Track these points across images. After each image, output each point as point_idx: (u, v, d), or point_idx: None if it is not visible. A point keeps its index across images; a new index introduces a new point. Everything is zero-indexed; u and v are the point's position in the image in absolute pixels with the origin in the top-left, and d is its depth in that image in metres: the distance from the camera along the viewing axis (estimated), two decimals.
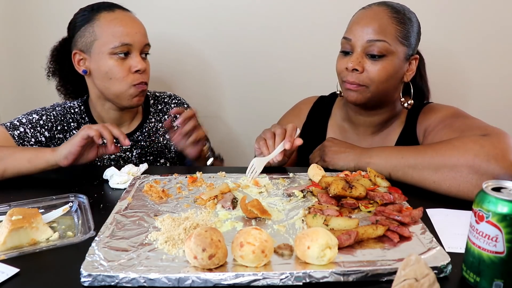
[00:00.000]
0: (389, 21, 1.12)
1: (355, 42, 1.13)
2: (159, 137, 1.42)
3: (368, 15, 1.14)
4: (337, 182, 0.92)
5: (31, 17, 1.75)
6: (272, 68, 1.75)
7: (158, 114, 1.44)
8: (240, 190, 1.00)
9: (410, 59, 1.17)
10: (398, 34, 1.12)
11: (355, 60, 1.12)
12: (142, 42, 1.26)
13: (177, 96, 1.50)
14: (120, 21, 1.24)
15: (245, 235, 0.68)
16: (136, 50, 1.25)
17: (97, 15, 1.25)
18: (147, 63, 1.31)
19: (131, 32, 1.24)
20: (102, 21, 1.24)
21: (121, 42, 1.22)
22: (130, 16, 1.29)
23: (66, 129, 1.31)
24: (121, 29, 1.23)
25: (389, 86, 1.15)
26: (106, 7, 1.27)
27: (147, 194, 0.97)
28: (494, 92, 1.70)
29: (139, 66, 1.25)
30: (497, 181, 0.67)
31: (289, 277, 0.66)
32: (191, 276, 0.66)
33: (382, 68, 1.11)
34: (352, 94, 1.15)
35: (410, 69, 1.18)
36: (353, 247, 0.74)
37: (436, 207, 0.92)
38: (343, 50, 1.17)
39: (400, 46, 1.13)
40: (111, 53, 1.23)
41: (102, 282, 0.66)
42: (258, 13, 1.69)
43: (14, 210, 0.83)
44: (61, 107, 1.34)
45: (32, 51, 1.79)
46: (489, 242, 0.63)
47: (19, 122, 1.25)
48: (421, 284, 0.56)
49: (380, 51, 1.10)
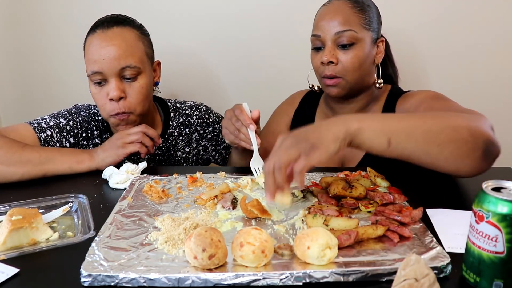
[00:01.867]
0: (351, 12, 1.19)
1: (324, 36, 1.19)
2: (178, 151, 1.39)
3: (331, 10, 1.20)
4: (337, 182, 0.92)
5: (31, 18, 1.75)
6: (277, 69, 1.75)
7: (180, 127, 1.38)
8: (240, 190, 1.00)
9: (377, 42, 1.24)
10: (361, 21, 1.19)
11: (329, 53, 1.18)
12: (114, 67, 1.16)
13: (198, 105, 1.43)
14: (93, 46, 1.18)
15: (245, 235, 0.68)
16: (111, 76, 1.17)
17: (86, 38, 1.22)
18: (133, 87, 1.20)
19: (98, 58, 1.16)
20: (86, 46, 1.21)
21: (92, 71, 1.17)
22: (107, 36, 1.17)
23: (90, 136, 1.30)
24: (91, 56, 1.17)
25: (363, 72, 1.21)
26: (92, 29, 1.21)
27: (147, 194, 0.97)
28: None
29: (110, 94, 1.17)
30: (497, 181, 0.67)
31: (289, 277, 0.66)
32: (191, 276, 0.66)
33: (354, 55, 1.18)
34: (332, 90, 1.21)
35: (379, 51, 1.25)
36: (353, 247, 0.74)
37: (436, 207, 0.92)
38: (315, 46, 1.23)
39: (366, 32, 1.19)
40: (90, 80, 1.20)
41: (102, 282, 0.66)
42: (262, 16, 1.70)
43: (14, 210, 0.83)
44: (86, 113, 1.31)
45: (32, 51, 1.79)
46: (489, 242, 0.63)
47: (46, 124, 1.23)
48: (421, 284, 0.56)
49: (349, 39, 1.17)
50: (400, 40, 1.50)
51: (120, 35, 1.19)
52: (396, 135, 0.84)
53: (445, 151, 0.85)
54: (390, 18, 1.36)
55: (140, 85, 1.21)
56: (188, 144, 1.40)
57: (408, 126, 0.86)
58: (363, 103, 1.28)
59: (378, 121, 0.86)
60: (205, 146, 1.43)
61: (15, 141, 1.11)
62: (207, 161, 1.47)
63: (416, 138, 0.85)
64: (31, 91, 1.84)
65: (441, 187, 1.06)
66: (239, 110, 1.10)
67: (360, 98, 1.27)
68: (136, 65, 1.19)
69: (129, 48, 1.19)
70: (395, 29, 1.45)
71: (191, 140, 1.40)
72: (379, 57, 1.25)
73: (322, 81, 1.23)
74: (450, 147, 0.85)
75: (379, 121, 0.86)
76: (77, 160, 1.13)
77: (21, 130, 1.19)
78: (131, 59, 1.18)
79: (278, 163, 0.78)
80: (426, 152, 0.86)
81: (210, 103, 1.51)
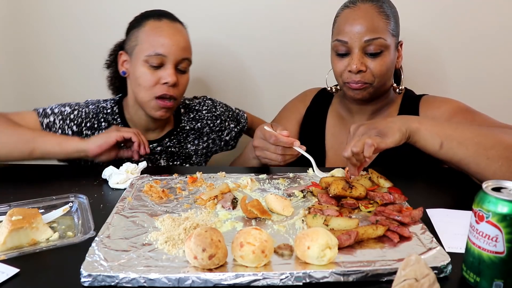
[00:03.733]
0: (379, 17, 1.15)
1: (352, 43, 1.15)
2: (188, 143, 1.43)
3: (359, 14, 1.15)
4: (337, 182, 0.92)
5: (31, 18, 1.75)
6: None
7: (192, 122, 1.44)
8: (240, 190, 1.00)
9: (398, 46, 1.23)
10: (389, 28, 1.17)
11: (358, 62, 1.14)
12: (178, 55, 1.24)
13: (206, 100, 1.48)
14: (162, 31, 1.24)
15: (245, 235, 0.68)
16: (170, 62, 1.23)
17: (145, 21, 1.26)
18: (183, 78, 1.28)
19: (168, 43, 1.23)
20: (147, 28, 1.25)
21: (155, 52, 1.22)
22: (175, 27, 1.27)
23: (96, 127, 1.32)
24: (159, 39, 1.23)
25: (388, 77, 1.21)
26: (155, 15, 1.27)
27: (147, 194, 0.97)
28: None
29: (168, 79, 1.23)
30: (497, 181, 0.67)
31: (289, 277, 0.66)
32: (191, 276, 0.66)
33: (383, 63, 1.16)
34: (357, 93, 1.19)
35: (400, 55, 1.24)
36: (353, 247, 0.74)
37: (436, 207, 0.92)
38: (339, 52, 1.18)
39: (392, 38, 1.18)
40: (145, 61, 1.23)
41: (102, 282, 0.66)
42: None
43: (14, 210, 0.83)
44: (95, 106, 1.34)
45: (32, 51, 1.78)
46: (489, 242, 0.63)
47: (51, 110, 1.27)
48: (421, 284, 0.56)
49: (379, 48, 1.14)
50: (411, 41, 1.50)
51: (184, 31, 1.30)
52: (449, 140, 0.94)
53: (494, 164, 0.92)
54: None
55: (187, 78, 1.30)
56: (199, 137, 1.45)
57: (461, 136, 0.95)
58: (381, 105, 1.28)
59: (434, 125, 0.97)
60: (214, 139, 1.48)
61: (14, 122, 1.17)
62: (215, 152, 1.53)
63: (467, 147, 0.94)
64: (31, 91, 1.84)
65: (441, 187, 1.06)
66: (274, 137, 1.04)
67: (379, 100, 1.26)
68: (191, 60, 1.30)
69: (189, 44, 1.30)
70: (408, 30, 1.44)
71: (202, 134, 1.45)
72: (399, 61, 1.23)
73: (347, 85, 1.19)
74: (499, 162, 0.92)
75: (435, 125, 0.97)
76: (66, 138, 1.17)
77: (25, 116, 1.24)
78: (189, 54, 1.29)
79: (355, 149, 0.91)
80: (475, 162, 0.94)
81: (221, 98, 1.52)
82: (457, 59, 1.70)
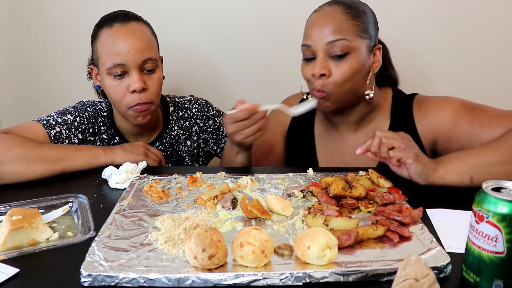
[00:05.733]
0: (343, 19, 1.09)
1: (315, 46, 1.10)
2: (180, 145, 1.40)
3: (322, 17, 1.11)
4: (337, 182, 0.92)
5: (31, 18, 1.75)
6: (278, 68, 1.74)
7: (180, 121, 1.40)
8: (240, 190, 1.00)
9: (374, 50, 1.14)
10: (355, 29, 1.09)
11: (320, 65, 1.09)
12: (138, 59, 1.18)
13: (197, 100, 1.44)
14: (114, 38, 1.18)
15: (245, 235, 0.68)
16: (132, 68, 1.18)
17: (99, 31, 1.22)
18: (153, 78, 1.23)
19: (124, 50, 1.17)
20: (102, 39, 1.21)
21: (113, 63, 1.18)
22: (128, 29, 1.20)
23: (97, 132, 1.31)
24: (113, 48, 1.18)
25: (355, 83, 1.12)
26: (107, 22, 1.22)
27: (147, 194, 0.97)
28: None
29: (134, 86, 1.18)
30: (497, 181, 0.67)
31: (289, 277, 0.66)
32: (191, 276, 0.66)
33: (348, 67, 1.09)
34: (320, 103, 1.13)
35: (376, 60, 1.15)
36: (353, 247, 0.74)
37: (436, 207, 0.92)
38: (305, 57, 1.14)
39: (360, 40, 1.10)
40: (108, 73, 1.20)
41: (102, 282, 0.66)
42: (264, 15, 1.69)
43: (14, 210, 0.83)
44: (92, 108, 1.32)
45: (32, 51, 1.79)
46: (489, 242, 0.63)
47: (54, 121, 1.24)
48: (421, 284, 0.56)
49: (343, 50, 1.08)
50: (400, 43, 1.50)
51: (140, 29, 1.22)
52: (477, 172, 0.94)
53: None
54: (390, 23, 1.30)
55: (158, 77, 1.24)
56: (189, 138, 1.41)
57: (487, 161, 0.94)
58: (362, 112, 1.20)
59: (458, 163, 0.96)
60: (205, 139, 1.44)
61: (32, 140, 1.13)
62: (209, 154, 1.49)
63: (497, 173, 0.92)
64: (31, 91, 1.84)
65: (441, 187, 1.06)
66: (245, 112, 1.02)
67: (357, 108, 1.19)
68: (156, 57, 1.23)
69: (149, 41, 1.23)
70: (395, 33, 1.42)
71: (192, 133, 1.42)
72: (376, 66, 1.15)
73: (312, 92, 1.14)
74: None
75: (458, 163, 0.96)
76: (93, 155, 1.15)
77: (32, 128, 1.20)
78: (152, 51, 1.22)
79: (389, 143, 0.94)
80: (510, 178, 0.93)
81: (212, 100, 1.51)
82: (450, 61, 1.68)
